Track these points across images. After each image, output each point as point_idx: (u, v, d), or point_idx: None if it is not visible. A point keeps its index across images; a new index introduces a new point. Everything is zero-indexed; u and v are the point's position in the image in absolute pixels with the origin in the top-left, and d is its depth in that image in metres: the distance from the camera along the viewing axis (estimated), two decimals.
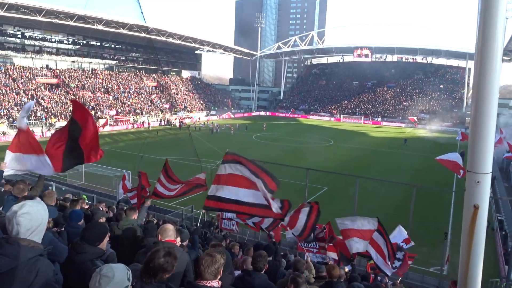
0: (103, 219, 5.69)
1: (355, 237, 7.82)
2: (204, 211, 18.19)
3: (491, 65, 2.41)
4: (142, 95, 71.89)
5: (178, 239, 4.45)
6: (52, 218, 4.63)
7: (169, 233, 3.97)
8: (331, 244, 9.48)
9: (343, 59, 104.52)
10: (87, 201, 12.83)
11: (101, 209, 8.75)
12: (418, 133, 64.73)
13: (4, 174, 5.15)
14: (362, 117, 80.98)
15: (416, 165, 36.96)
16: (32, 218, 2.37)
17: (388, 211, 21.68)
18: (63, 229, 4.88)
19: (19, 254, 2.29)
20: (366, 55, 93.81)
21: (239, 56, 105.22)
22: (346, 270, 9.23)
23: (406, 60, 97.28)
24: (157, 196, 7.65)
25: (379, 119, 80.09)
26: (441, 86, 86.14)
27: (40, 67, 62.05)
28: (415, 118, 75.01)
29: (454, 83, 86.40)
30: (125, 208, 8.98)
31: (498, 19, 2.35)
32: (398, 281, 10.57)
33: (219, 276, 2.95)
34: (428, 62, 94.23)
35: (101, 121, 54.14)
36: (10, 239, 2.34)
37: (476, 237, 2.67)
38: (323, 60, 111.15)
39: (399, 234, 9.97)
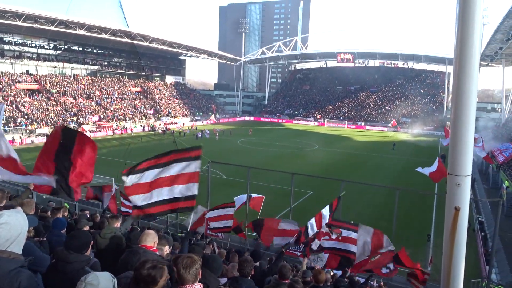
0: (86, 228, 5.59)
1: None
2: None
3: (469, 70, 2.48)
4: (125, 100, 71.08)
5: (166, 247, 4.40)
6: (33, 227, 4.52)
7: (147, 239, 3.90)
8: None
9: (326, 64, 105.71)
10: (69, 209, 12.56)
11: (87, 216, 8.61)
12: (400, 137, 65.77)
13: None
14: (346, 121, 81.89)
15: (399, 168, 37.52)
16: (11, 228, 2.31)
17: (373, 214, 21.91)
18: (44, 238, 4.76)
19: (0, 266, 2.23)
20: (349, 60, 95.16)
21: (224, 61, 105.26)
22: (332, 274, 9.28)
23: (388, 65, 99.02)
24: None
25: (362, 123, 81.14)
26: (422, 91, 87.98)
27: (20, 73, 60.73)
28: (396, 122, 76.29)
29: (434, 87, 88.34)
30: (108, 215, 8.84)
31: (475, 26, 2.43)
32: (382, 283, 10.67)
33: (199, 278, 2.88)
34: (409, 67, 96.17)
35: (86, 127, 53.37)
36: None
37: (458, 238, 2.73)
38: (307, 65, 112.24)
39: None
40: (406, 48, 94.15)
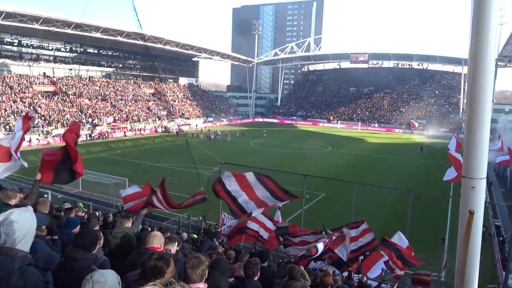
0: (97, 227, 5.65)
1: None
2: (201, 217, 18.15)
3: (484, 71, 2.42)
4: (139, 102, 71.89)
5: (175, 246, 4.40)
6: (46, 226, 4.59)
7: (154, 240, 3.93)
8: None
9: (339, 65, 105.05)
10: (83, 208, 12.74)
11: (98, 216, 8.71)
12: (415, 139, 64.91)
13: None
14: (359, 123, 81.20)
15: (413, 170, 37.03)
16: (20, 227, 2.34)
17: (386, 217, 21.66)
18: (56, 236, 4.83)
19: (7, 264, 2.26)
20: (363, 61, 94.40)
21: (236, 63, 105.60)
22: (342, 276, 9.19)
23: (402, 66, 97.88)
24: (152, 206, 7.63)
25: (376, 125, 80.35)
26: (437, 92, 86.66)
27: (38, 75, 62.01)
28: (415, 122, 75.16)
29: (450, 88, 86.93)
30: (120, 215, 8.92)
31: (490, 26, 2.37)
32: (395, 287, 10.52)
33: (205, 278, 2.95)
34: (424, 68, 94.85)
35: (98, 129, 54.13)
36: None
37: (472, 242, 2.66)
38: (320, 66, 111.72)
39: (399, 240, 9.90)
40: (421, 49, 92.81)
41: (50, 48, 67.18)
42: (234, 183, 6.90)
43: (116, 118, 61.42)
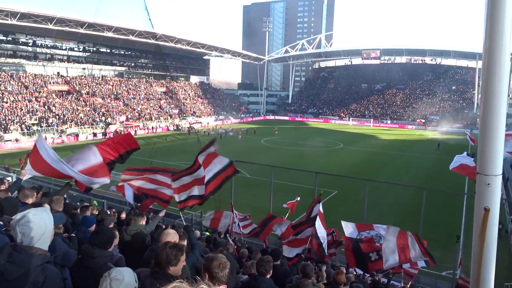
0: (112, 225, 5.74)
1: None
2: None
3: (499, 66, 2.38)
4: (151, 100, 72.51)
5: (185, 242, 4.43)
6: (63, 224, 4.68)
7: (167, 238, 3.97)
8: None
9: (351, 62, 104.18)
10: (97, 207, 12.92)
11: (110, 214, 8.82)
12: (428, 135, 64.07)
13: (24, 178, 5.56)
14: (372, 119, 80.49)
15: (426, 167, 36.56)
16: (35, 226, 2.39)
17: (399, 215, 21.46)
18: (73, 234, 4.91)
19: (26, 261, 2.32)
20: (375, 57, 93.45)
21: (247, 61, 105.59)
22: (355, 273, 9.15)
23: (415, 62, 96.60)
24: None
25: (389, 122, 79.55)
26: (451, 87, 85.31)
27: (52, 74, 63.01)
28: (422, 120, 74.32)
29: (464, 83, 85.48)
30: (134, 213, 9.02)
31: (505, 19, 2.32)
32: (408, 285, 10.43)
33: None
34: (438, 63, 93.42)
35: (112, 127, 54.76)
36: (17, 247, 2.38)
37: (488, 240, 2.63)
38: (331, 63, 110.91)
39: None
40: (434, 44, 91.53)
41: (64, 48, 68.17)
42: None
43: (129, 116, 62.06)
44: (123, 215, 9.59)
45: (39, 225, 2.41)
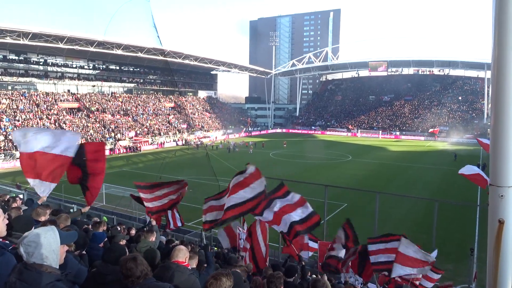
0: (123, 242, 5.75)
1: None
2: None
3: (509, 75, 2.36)
4: (160, 116, 73.18)
5: (194, 261, 4.41)
6: (74, 242, 4.70)
7: (179, 254, 3.95)
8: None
9: (358, 74, 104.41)
10: (107, 223, 12.92)
11: (120, 230, 8.82)
12: (438, 146, 63.46)
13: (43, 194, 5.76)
14: (380, 131, 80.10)
15: (437, 179, 36.10)
16: (38, 246, 2.40)
17: (411, 227, 21.12)
18: (84, 252, 4.93)
19: (37, 279, 2.33)
20: (382, 69, 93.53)
21: (254, 75, 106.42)
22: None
23: (422, 73, 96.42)
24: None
25: (398, 133, 79.07)
26: (460, 98, 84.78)
27: (62, 92, 64.10)
28: (437, 129, 73.66)
29: (473, 94, 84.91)
30: (145, 229, 9.01)
31: None
32: None
33: None
34: (446, 74, 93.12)
35: (122, 143, 55.26)
36: (28, 265, 2.40)
37: (503, 253, 2.57)
38: (338, 75, 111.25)
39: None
40: (442, 55, 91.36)
41: (74, 66, 69.50)
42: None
43: (138, 132, 62.62)
44: (133, 231, 9.57)
45: (43, 244, 2.42)
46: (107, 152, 51.62)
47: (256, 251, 8.14)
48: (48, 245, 2.45)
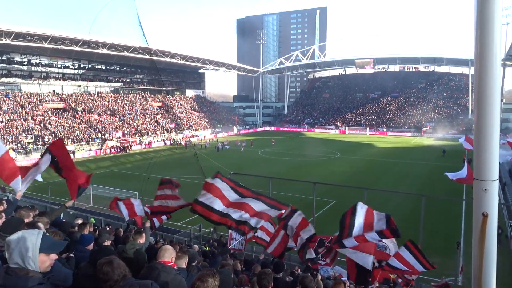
0: (108, 242, 5.69)
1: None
2: (212, 229, 18.10)
3: (490, 71, 2.40)
4: (148, 115, 72.56)
5: (183, 261, 4.38)
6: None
7: (165, 254, 3.92)
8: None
9: (345, 72, 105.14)
10: (95, 224, 12.80)
11: (109, 231, 8.73)
12: (424, 142, 64.33)
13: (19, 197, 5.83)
14: (368, 128, 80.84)
15: (425, 174, 36.61)
16: (16, 248, 2.40)
17: (398, 222, 21.33)
18: (72, 254, 4.86)
19: (18, 284, 2.30)
20: (368, 66, 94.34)
21: (242, 73, 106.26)
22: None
23: (408, 70, 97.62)
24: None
25: (385, 130, 79.92)
26: (445, 94, 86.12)
27: (47, 93, 63.05)
28: (425, 128, 74.74)
29: (458, 90, 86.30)
30: (133, 230, 8.94)
31: (495, 26, 2.36)
32: None
33: None
34: (431, 70, 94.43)
35: (109, 143, 54.67)
36: (9, 269, 2.38)
37: (487, 245, 2.62)
38: (326, 73, 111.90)
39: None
40: (427, 51, 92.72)
41: (59, 65, 68.38)
42: (215, 199, 5.69)
43: (125, 132, 61.99)
44: (121, 233, 9.49)
45: (22, 247, 2.40)
46: (93, 153, 51.17)
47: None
48: (25, 248, 2.41)
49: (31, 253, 2.44)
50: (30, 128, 51.20)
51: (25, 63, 63.62)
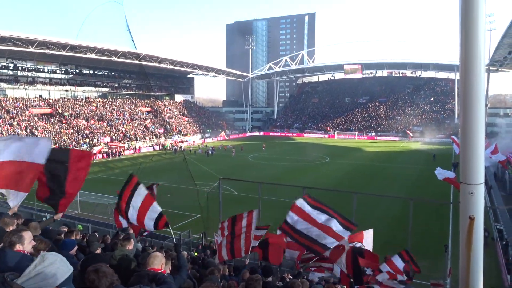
0: (98, 250, 5.60)
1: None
2: (201, 235, 17.99)
3: (475, 76, 2.45)
4: (136, 121, 71.98)
5: (167, 267, 4.34)
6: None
7: (154, 261, 3.86)
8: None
9: (334, 77, 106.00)
10: (81, 231, 12.58)
11: (98, 238, 8.60)
12: (412, 146, 65.08)
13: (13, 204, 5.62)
14: (356, 132, 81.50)
15: (413, 178, 36.99)
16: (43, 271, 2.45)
17: (387, 226, 21.54)
18: None
19: None
20: (356, 72, 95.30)
21: (231, 78, 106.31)
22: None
23: (396, 75, 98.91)
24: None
25: (373, 134, 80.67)
26: (432, 99, 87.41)
27: (34, 98, 62.14)
28: (410, 133, 75.52)
29: (444, 95, 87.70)
30: (121, 237, 8.81)
31: (479, 33, 2.40)
32: None
33: None
34: (418, 75, 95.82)
35: (96, 148, 53.99)
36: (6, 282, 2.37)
37: (474, 248, 2.65)
38: (314, 78, 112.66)
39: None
40: (414, 57, 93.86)
41: (46, 70, 67.52)
42: (300, 220, 6.24)
43: (113, 137, 61.37)
44: (108, 240, 9.35)
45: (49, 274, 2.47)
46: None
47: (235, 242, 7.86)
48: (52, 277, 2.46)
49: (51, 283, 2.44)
50: (16, 134, 50.34)
51: (11, 68, 62.63)
